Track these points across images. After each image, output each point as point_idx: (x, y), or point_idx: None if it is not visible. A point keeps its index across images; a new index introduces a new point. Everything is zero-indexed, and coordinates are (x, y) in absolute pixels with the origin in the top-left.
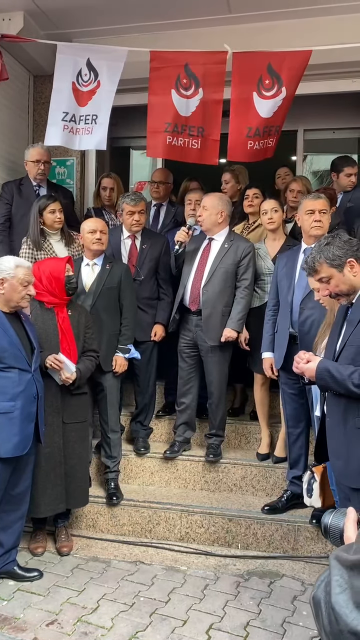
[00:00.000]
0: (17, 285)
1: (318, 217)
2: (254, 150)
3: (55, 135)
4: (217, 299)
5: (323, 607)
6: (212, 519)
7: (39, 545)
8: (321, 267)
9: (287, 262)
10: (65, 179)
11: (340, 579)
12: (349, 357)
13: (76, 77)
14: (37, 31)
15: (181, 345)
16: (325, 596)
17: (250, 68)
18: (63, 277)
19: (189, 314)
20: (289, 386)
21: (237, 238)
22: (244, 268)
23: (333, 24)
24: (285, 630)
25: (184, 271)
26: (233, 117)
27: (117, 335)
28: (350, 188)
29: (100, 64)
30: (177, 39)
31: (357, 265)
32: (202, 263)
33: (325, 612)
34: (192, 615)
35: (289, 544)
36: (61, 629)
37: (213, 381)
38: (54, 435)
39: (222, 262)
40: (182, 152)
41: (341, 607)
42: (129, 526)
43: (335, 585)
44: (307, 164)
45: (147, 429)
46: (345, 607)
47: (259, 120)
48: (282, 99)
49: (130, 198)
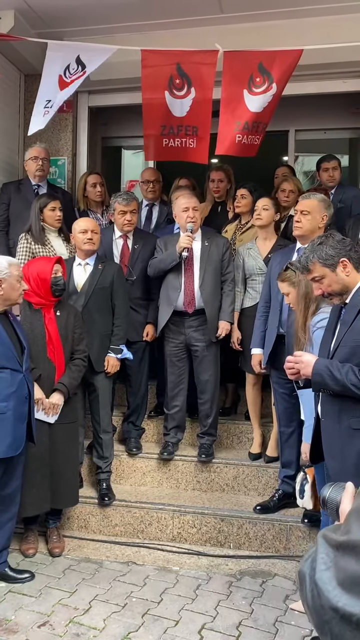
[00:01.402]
0: (14, 283)
1: (297, 218)
2: (241, 145)
3: (36, 122)
4: (214, 297)
5: (307, 581)
6: (204, 519)
7: (31, 546)
8: (314, 267)
9: (280, 261)
10: (56, 178)
11: (326, 557)
12: (343, 358)
13: (64, 71)
14: (28, 30)
15: (171, 349)
16: (310, 572)
17: (241, 67)
18: (49, 279)
19: (180, 317)
20: (280, 385)
21: (211, 234)
22: (227, 262)
23: (324, 25)
24: (278, 630)
25: (169, 275)
26: (223, 111)
27: (110, 335)
28: (331, 184)
29: (89, 59)
30: (169, 39)
31: (350, 265)
32: (188, 264)
33: (309, 587)
34: (185, 615)
35: (281, 543)
36: (53, 630)
37: (209, 380)
38: (40, 435)
39: (209, 260)
40: (178, 152)
41: (324, 583)
42: (121, 527)
43: (321, 562)
44: (299, 164)
45: (139, 429)
46: (328, 584)
47: (249, 115)
48: (272, 95)
49: (122, 198)
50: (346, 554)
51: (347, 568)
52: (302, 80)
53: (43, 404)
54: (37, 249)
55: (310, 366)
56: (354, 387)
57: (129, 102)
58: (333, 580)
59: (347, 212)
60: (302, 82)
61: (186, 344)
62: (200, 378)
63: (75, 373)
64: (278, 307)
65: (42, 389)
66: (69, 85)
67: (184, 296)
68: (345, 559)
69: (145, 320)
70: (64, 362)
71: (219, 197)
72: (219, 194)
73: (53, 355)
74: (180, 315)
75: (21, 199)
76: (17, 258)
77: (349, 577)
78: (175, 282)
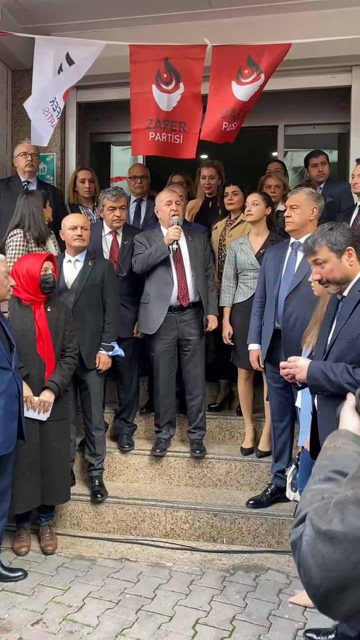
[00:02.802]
0: (2, 279)
1: (288, 213)
2: (226, 132)
3: (42, 129)
4: (205, 290)
5: (295, 553)
6: (197, 514)
7: (23, 544)
8: (320, 249)
9: (275, 256)
10: (45, 174)
11: (310, 539)
12: (340, 351)
13: (57, 72)
14: (15, 24)
15: (162, 346)
16: (297, 546)
17: (229, 60)
18: (38, 276)
19: (172, 312)
20: (274, 380)
21: (190, 231)
22: (208, 258)
23: (313, 19)
24: (271, 623)
25: (157, 271)
26: (211, 100)
27: (101, 332)
28: (320, 179)
29: (79, 58)
30: (157, 33)
31: (354, 255)
32: (177, 259)
33: (296, 558)
34: (179, 610)
35: (273, 537)
36: (46, 628)
37: (198, 374)
38: (31, 432)
39: (196, 254)
40: (165, 147)
41: (307, 562)
42: (114, 523)
43: (305, 543)
44: (288, 159)
45: (131, 425)
46: (310, 562)
47: (235, 102)
48: (259, 85)
49: (112, 193)
50: (325, 541)
51: (325, 554)
52: (291, 75)
53: (32, 403)
54: (31, 249)
55: (304, 370)
56: (350, 387)
57: (117, 98)
58: (312, 562)
59: (336, 206)
60: (291, 77)
61: (178, 339)
62: (191, 373)
63: (66, 371)
64: (273, 301)
65: (32, 386)
66: (66, 91)
67: (177, 290)
68: (323, 545)
69: (135, 317)
70: (54, 359)
71: (210, 193)
72: (210, 190)
73: (43, 352)
74: (171, 310)
75: (11, 196)
76: (9, 254)
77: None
78: (166, 276)
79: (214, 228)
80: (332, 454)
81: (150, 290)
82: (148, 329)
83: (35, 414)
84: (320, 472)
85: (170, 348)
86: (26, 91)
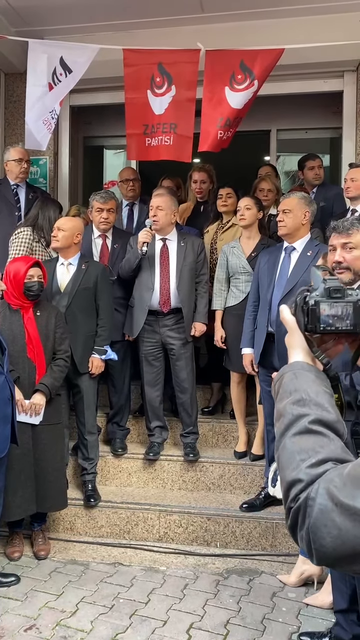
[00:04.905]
0: None
1: (280, 217)
2: (222, 140)
3: (39, 135)
4: (189, 296)
5: (299, 516)
6: (191, 518)
7: (16, 549)
8: (356, 234)
9: (268, 259)
10: (38, 178)
11: (324, 508)
12: None
13: (52, 77)
14: (7, 28)
15: (147, 349)
16: (304, 511)
17: (223, 65)
18: (22, 283)
19: (154, 316)
20: (267, 383)
21: (187, 235)
22: (202, 264)
23: (305, 25)
24: (265, 627)
25: (142, 276)
26: (205, 109)
27: (94, 336)
28: (317, 181)
29: (74, 62)
30: (150, 38)
31: None
32: (164, 264)
33: (300, 520)
34: (172, 615)
35: (267, 541)
36: (40, 634)
37: (186, 378)
38: (24, 437)
39: (185, 261)
40: (158, 151)
41: (318, 529)
42: (107, 528)
43: (318, 510)
44: (280, 164)
45: (123, 429)
46: (323, 531)
47: (230, 111)
48: (253, 92)
49: (100, 195)
50: (345, 515)
51: (342, 527)
52: (283, 80)
53: (23, 406)
54: (37, 248)
55: None
56: None
57: (110, 102)
58: (325, 530)
59: (329, 210)
60: (283, 82)
61: (162, 342)
62: (179, 376)
63: (57, 373)
64: (267, 305)
65: (23, 389)
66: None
67: (159, 295)
68: (341, 518)
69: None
70: (44, 362)
71: (201, 197)
72: (202, 195)
73: (33, 355)
74: (154, 314)
75: (1, 201)
76: (12, 250)
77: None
78: (148, 281)
79: (206, 232)
80: (290, 387)
81: (135, 293)
82: (131, 332)
83: (28, 418)
84: (291, 415)
85: (153, 351)
86: (19, 94)
